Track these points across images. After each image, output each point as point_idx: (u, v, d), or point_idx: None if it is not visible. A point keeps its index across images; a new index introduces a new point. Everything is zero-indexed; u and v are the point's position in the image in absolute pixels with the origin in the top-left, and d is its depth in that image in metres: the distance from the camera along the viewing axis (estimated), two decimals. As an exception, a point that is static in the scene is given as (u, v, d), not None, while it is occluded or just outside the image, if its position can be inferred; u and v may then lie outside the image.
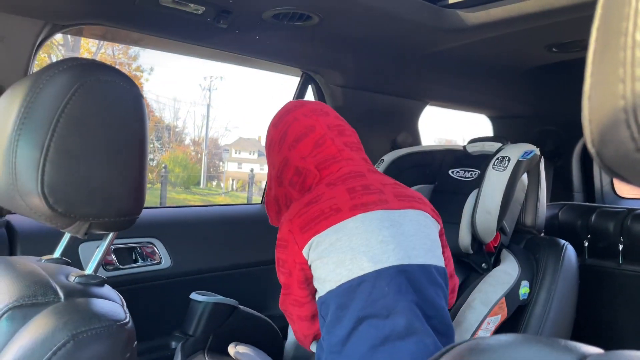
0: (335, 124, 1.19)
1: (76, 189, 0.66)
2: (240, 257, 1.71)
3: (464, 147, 1.63)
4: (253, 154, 25.94)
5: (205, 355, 1.26)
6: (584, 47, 1.51)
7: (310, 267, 1.04)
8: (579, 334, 1.45)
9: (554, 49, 1.58)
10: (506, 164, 1.36)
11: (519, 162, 1.36)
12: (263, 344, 1.38)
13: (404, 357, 0.93)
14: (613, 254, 1.77)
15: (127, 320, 0.68)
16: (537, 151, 1.43)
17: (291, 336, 1.46)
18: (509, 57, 1.68)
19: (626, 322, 1.75)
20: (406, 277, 0.98)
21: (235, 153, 25.99)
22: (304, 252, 1.03)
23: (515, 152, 1.39)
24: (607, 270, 1.78)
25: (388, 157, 1.71)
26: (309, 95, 1.91)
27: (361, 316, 0.95)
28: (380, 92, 1.95)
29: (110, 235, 0.76)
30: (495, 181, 1.35)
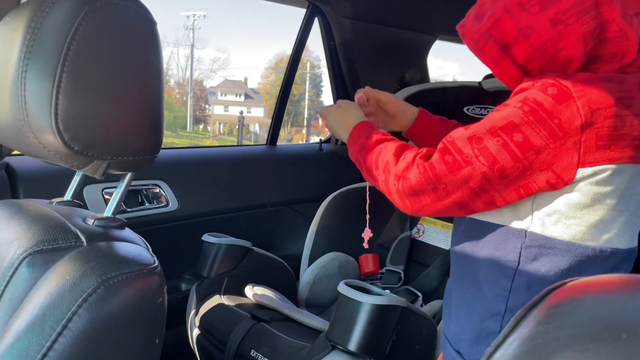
0: None
1: (93, 125, 0.59)
2: (247, 199, 1.68)
3: (479, 83, 1.57)
4: (240, 97, 25.38)
5: (222, 297, 1.24)
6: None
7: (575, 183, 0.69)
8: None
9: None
10: (529, 99, 1.30)
11: (542, 97, 1.30)
12: (277, 285, 1.37)
13: None
14: None
15: (156, 264, 0.65)
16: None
17: (305, 277, 1.45)
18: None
19: None
20: None
21: (221, 95, 25.40)
22: (578, 174, 0.68)
23: (539, 86, 1.32)
24: None
25: (399, 95, 1.64)
26: (315, 30, 1.81)
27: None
28: (390, 24, 1.85)
29: (129, 175, 0.71)
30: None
